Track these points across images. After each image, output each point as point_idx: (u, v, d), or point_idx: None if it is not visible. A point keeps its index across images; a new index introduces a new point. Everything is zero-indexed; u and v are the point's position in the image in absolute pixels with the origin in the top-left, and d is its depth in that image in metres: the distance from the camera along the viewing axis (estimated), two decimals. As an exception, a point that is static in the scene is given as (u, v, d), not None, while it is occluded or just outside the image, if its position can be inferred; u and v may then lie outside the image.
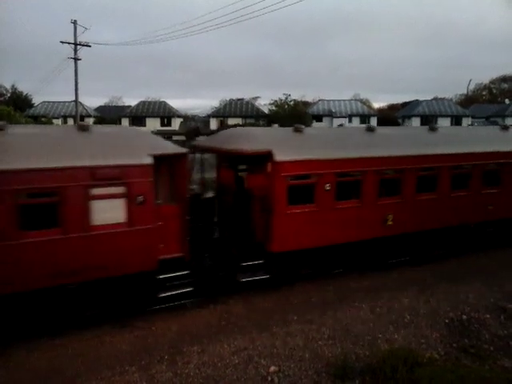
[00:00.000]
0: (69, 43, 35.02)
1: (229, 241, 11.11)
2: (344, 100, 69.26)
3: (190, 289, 9.74)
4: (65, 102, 62.94)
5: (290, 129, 11.85)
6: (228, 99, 67.86)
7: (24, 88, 69.10)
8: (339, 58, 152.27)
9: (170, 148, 9.84)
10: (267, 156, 10.31)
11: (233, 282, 10.51)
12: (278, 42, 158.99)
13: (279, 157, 10.27)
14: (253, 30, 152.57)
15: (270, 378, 7.18)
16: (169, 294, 9.55)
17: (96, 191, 8.59)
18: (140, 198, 8.99)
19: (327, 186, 10.85)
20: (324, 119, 62.47)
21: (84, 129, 9.26)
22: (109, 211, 8.74)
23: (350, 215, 11.31)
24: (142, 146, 9.34)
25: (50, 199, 8.30)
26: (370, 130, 12.66)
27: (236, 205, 10.94)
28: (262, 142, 10.65)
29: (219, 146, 11.22)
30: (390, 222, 11.84)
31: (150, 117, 61.88)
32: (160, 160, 9.32)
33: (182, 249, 9.75)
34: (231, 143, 10.77)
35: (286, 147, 10.66)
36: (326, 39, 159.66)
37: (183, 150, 9.90)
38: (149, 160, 9.05)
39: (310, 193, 10.80)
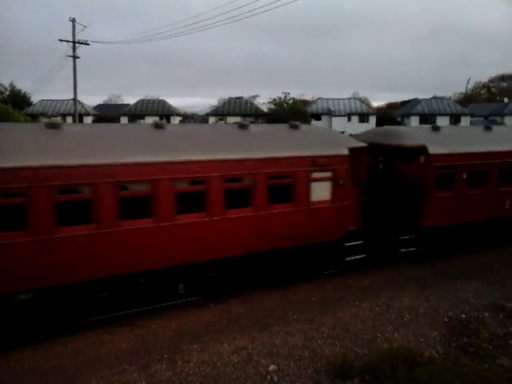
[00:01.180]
0: (67, 41, 34.92)
1: (387, 219, 13.31)
2: (343, 99, 69.19)
3: (364, 255, 12.23)
4: (63, 100, 62.80)
5: (428, 127, 14.77)
6: (227, 98, 67.85)
7: (23, 86, 69.11)
8: (340, 57, 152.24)
9: (355, 142, 12.32)
10: (421, 150, 12.84)
11: (394, 252, 13.12)
12: (277, 40, 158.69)
13: (431, 150, 12.76)
14: (252, 28, 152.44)
15: (269, 377, 7.19)
16: (352, 258, 12.12)
17: (314, 175, 11.08)
18: (341, 181, 11.46)
19: (464, 175, 13.39)
20: (323, 118, 62.40)
21: (295, 127, 11.93)
22: (320, 191, 11.21)
23: (478, 200, 13.81)
24: (340, 141, 12.09)
25: (287, 180, 10.74)
26: (488, 128, 15.38)
27: (391, 189, 13.34)
28: (417, 138, 13.25)
29: (379, 141, 13.48)
30: (507, 206, 14.52)
31: (148, 115, 61.73)
32: (351, 151, 11.72)
33: (358, 223, 12.09)
34: (391, 139, 13.34)
35: (434, 143, 13.06)
36: (326, 37, 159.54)
37: (364, 144, 12.26)
38: (346, 151, 11.58)
39: (451, 180, 13.23)
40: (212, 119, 61.40)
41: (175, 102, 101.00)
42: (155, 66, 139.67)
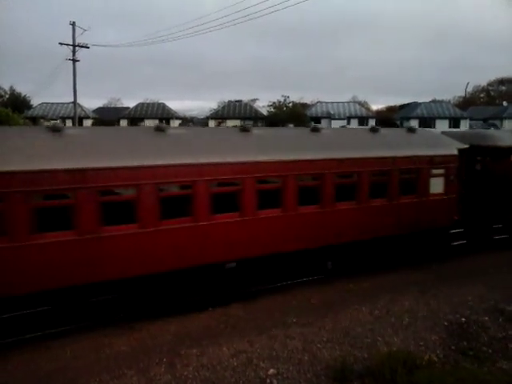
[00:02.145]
0: (67, 45, 35.08)
1: (483, 210, 15.09)
2: (342, 102, 69.40)
3: (464, 241, 14.71)
4: (63, 103, 62.91)
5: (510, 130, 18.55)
6: (226, 101, 67.96)
7: (23, 89, 69.14)
8: (340, 60, 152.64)
9: (461, 144, 14.20)
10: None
11: (489, 238, 15.27)
12: (278, 43, 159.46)
13: None
14: (255, 31, 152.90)
15: (268, 381, 7.16)
16: (457, 243, 14.56)
17: (432, 171, 13.21)
18: (451, 177, 13.54)
19: None
20: (322, 121, 62.55)
21: (412, 131, 14.25)
22: (436, 185, 13.32)
23: None
24: (450, 143, 14.10)
25: (413, 175, 12.92)
26: None
27: (486, 184, 15.09)
28: (506, 140, 15.33)
29: (477, 142, 15.07)
30: None
31: (148, 118, 61.90)
32: (459, 152, 13.73)
33: (458, 214, 14.18)
34: (487, 141, 15.27)
35: None
36: (328, 41, 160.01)
37: (466, 145, 14.22)
38: (456, 151, 13.76)
39: None
40: (211, 122, 61.48)
41: (175, 105, 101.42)
42: (156, 69, 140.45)
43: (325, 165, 11.22)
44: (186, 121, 68.07)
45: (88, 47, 36.05)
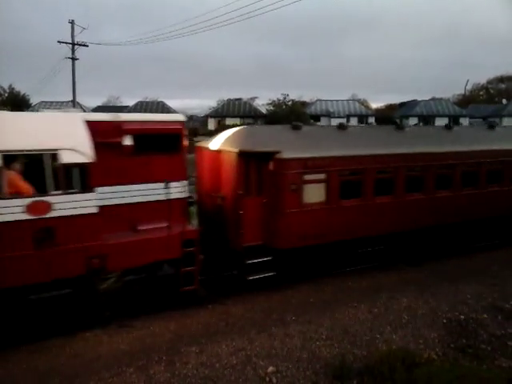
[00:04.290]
0: (66, 43, 35.02)
1: None
2: (342, 100, 69.33)
3: None
4: (62, 101, 62.75)
5: None
6: (226, 99, 67.85)
7: (23, 88, 68.98)
8: (342, 58, 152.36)
9: None
10: None
11: None
12: (280, 41, 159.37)
13: None
14: (257, 29, 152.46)
15: (268, 379, 7.17)
16: None
17: None
18: None
19: None
20: (322, 119, 62.52)
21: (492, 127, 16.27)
22: None
23: None
24: None
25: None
26: None
27: None
28: None
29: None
30: None
31: (147, 117, 61.65)
32: None
33: None
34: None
35: None
36: (329, 39, 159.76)
37: None
38: None
39: None
40: (211, 120, 61.38)
41: (174, 103, 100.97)
42: (157, 67, 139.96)
43: (455, 156, 13.69)
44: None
45: (87, 45, 36.00)
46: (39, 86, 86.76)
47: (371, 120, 63.19)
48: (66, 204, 8.00)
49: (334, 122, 59.29)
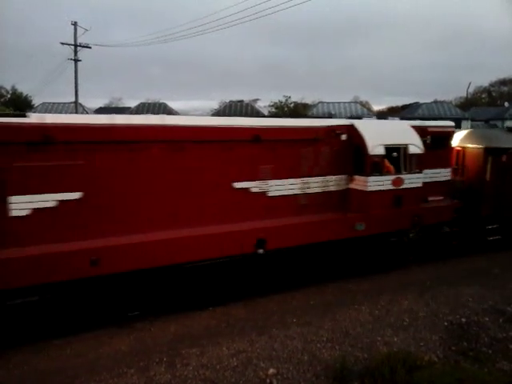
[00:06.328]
0: (69, 44, 35.11)
1: None
2: (344, 102, 69.25)
3: None
4: (65, 102, 62.79)
5: None
6: (227, 101, 67.85)
7: (25, 89, 69.01)
8: (344, 61, 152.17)
9: None
10: None
11: None
12: (283, 43, 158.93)
13: None
14: (257, 32, 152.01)
15: (268, 381, 7.16)
16: None
17: None
18: None
19: None
20: (324, 121, 62.46)
21: None
22: None
23: None
24: None
25: None
26: None
27: None
28: None
29: None
30: None
31: (149, 118, 61.68)
32: None
33: None
34: None
35: None
36: (332, 41, 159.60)
37: None
38: None
39: None
40: (213, 122, 61.26)
41: (176, 105, 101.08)
42: (160, 68, 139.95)
43: None
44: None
45: (90, 47, 36.07)
46: (42, 87, 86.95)
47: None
48: (410, 180, 12.08)
49: (336, 124, 59.19)
